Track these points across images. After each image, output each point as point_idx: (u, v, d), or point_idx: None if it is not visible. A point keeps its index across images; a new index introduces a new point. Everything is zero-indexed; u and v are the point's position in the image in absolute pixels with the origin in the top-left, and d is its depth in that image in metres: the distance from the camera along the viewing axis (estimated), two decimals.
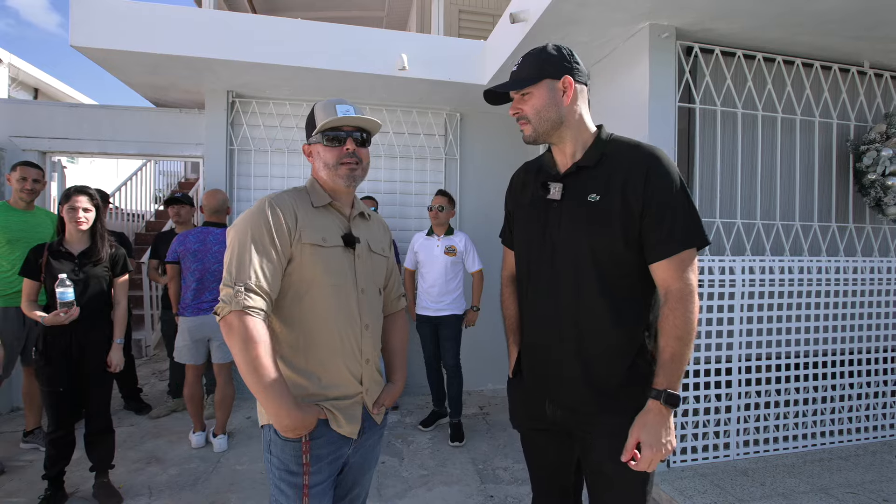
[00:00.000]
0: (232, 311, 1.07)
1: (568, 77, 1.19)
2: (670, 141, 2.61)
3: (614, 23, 2.59)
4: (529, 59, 1.23)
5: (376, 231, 1.41)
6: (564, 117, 1.21)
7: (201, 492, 2.50)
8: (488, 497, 2.51)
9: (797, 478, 2.58)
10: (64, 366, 2.24)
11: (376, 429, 1.33)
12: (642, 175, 1.13)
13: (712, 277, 2.71)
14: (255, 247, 1.11)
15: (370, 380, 1.29)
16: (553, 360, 1.24)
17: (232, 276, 1.10)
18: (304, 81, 3.62)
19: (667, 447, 1.10)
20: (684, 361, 1.11)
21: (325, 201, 1.27)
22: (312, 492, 1.17)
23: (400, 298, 1.51)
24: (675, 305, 1.10)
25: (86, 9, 3.00)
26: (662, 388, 1.10)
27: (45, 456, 2.30)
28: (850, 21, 2.50)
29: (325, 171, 1.26)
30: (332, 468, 1.22)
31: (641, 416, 1.12)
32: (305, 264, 1.17)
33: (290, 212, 1.18)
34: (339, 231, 1.26)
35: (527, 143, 1.27)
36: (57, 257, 2.26)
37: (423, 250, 3.32)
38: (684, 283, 1.10)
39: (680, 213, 1.12)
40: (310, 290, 1.18)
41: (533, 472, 1.41)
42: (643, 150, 1.18)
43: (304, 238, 1.17)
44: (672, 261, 1.11)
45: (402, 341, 1.47)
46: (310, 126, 1.29)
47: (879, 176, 2.87)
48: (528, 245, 1.30)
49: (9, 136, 3.65)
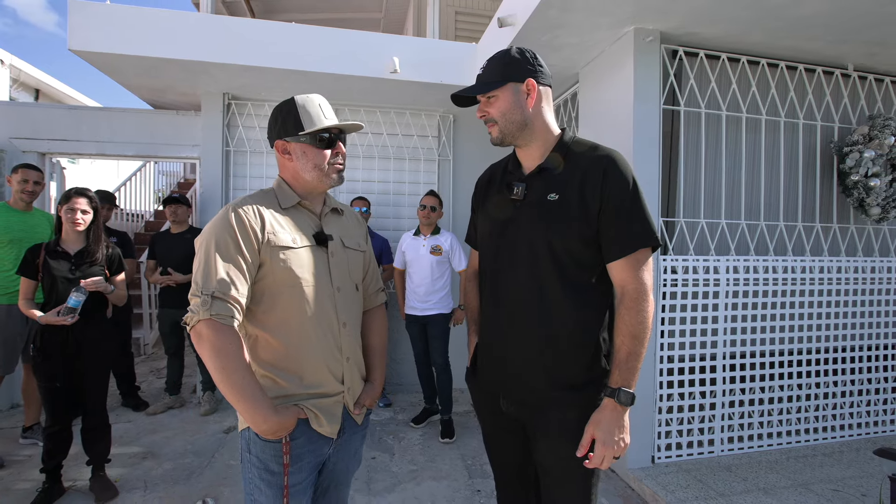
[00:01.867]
0: (201, 321, 1.05)
1: (531, 80, 1.22)
2: (655, 142, 2.66)
3: (599, 27, 2.64)
4: (494, 62, 1.25)
5: (350, 226, 1.39)
6: (529, 119, 1.24)
7: (195, 486, 2.56)
8: (475, 491, 2.57)
9: (779, 473, 2.63)
10: (60, 362, 2.30)
11: (357, 429, 1.33)
12: (599, 175, 1.16)
13: (696, 277, 2.76)
14: (221, 255, 1.09)
15: (352, 378, 1.28)
16: (508, 357, 1.27)
17: (199, 286, 1.07)
18: (298, 84, 3.67)
19: (619, 445, 1.12)
20: (639, 360, 1.14)
21: (293, 202, 1.25)
22: (293, 491, 1.17)
23: (379, 293, 1.48)
24: (630, 305, 1.14)
25: (83, 13, 3.07)
26: (617, 386, 1.13)
27: (43, 450, 2.36)
28: (832, 25, 2.55)
29: (313, 172, 1.23)
30: (311, 468, 1.22)
31: (596, 414, 1.15)
32: (277, 267, 1.15)
33: (256, 216, 1.15)
34: (310, 230, 1.24)
35: (494, 145, 1.31)
36: (54, 257, 2.32)
37: (410, 250, 3.39)
38: (639, 283, 1.14)
39: (634, 213, 1.15)
40: (284, 292, 1.17)
41: (494, 464, 1.45)
42: (601, 151, 1.21)
43: (272, 241, 1.15)
44: (628, 260, 1.15)
45: (382, 339, 1.46)
46: (287, 122, 1.21)
47: (862, 177, 2.92)
48: (490, 244, 1.34)
49: (9, 138, 3.72)
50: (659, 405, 2.71)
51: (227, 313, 1.06)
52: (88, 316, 2.33)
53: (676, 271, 2.72)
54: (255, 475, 1.18)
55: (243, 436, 1.21)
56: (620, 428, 1.13)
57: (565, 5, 2.42)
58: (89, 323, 2.35)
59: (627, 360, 1.13)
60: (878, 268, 3.11)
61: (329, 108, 1.26)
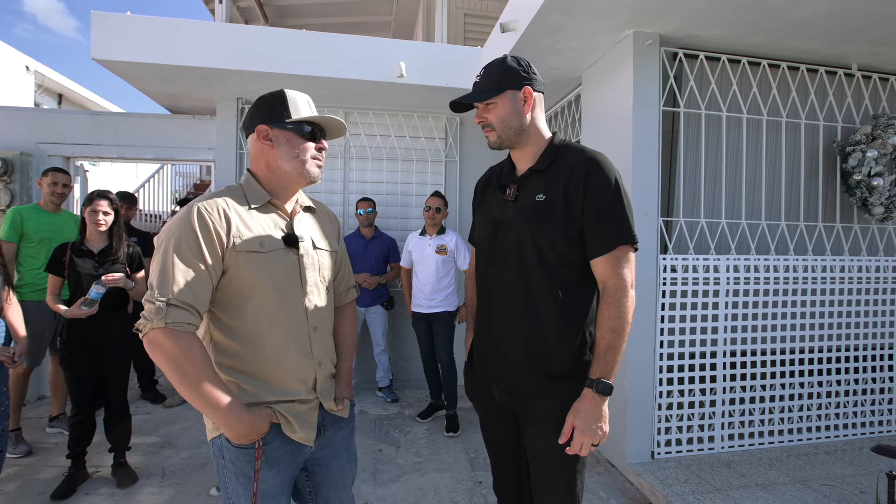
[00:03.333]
0: (154, 328, 0.99)
1: (528, 87, 1.29)
2: (654, 144, 2.71)
3: (599, 31, 2.70)
4: (490, 70, 1.32)
5: (324, 224, 1.34)
6: (525, 124, 1.31)
7: (209, 474, 2.69)
8: (477, 483, 2.65)
9: (778, 470, 2.66)
10: (85, 354, 2.44)
11: (343, 423, 1.31)
12: (583, 176, 1.23)
13: (696, 276, 2.80)
14: (180, 258, 1.02)
15: (324, 383, 1.24)
16: (501, 348, 1.35)
17: (154, 291, 1.00)
18: (308, 88, 3.79)
19: (597, 433, 1.19)
20: (619, 352, 1.20)
21: (262, 200, 1.19)
22: (262, 497, 1.14)
23: (349, 291, 1.44)
24: (610, 300, 1.20)
25: (106, 25, 3.23)
26: (596, 377, 1.19)
27: (69, 437, 2.50)
28: (832, 26, 2.57)
29: (294, 162, 1.18)
30: (289, 471, 1.18)
31: (577, 403, 1.22)
32: (243, 273, 1.10)
33: (222, 218, 1.08)
34: (279, 231, 1.19)
35: (491, 149, 1.39)
36: (79, 255, 2.46)
37: (416, 249, 3.49)
38: (619, 279, 1.20)
39: (616, 213, 1.22)
40: (251, 297, 1.12)
41: (490, 451, 1.53)
42: (585, 154, 1.28)
43: (238, 246, 1.09)
44: (608, 257, 1.21)
45: (352, 330, 1.42)
46: (275, 109, 1.18)
47: (865, 176, 2.93)
48: (485, 242, 1.42)
49: (36, 143, 3.91)
50: (659, 401, 2.76)
51: (183, 320, 1.00)
52: (111, 311, 2.48)
53: (676, 270, 2.77)
54: (231, 480, 1.14)
55: (214, 444, 1.16)
56: (599, 417, 1.19)
57: (565, 10, 2.49)
58: (112, 318, 2.49)
59: (606, 352, 1.19)
60: (882, 267, 3.10)
61: (314, 108, 1.26)
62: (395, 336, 4.32)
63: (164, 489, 2.52)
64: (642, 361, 2.72)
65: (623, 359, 2.67)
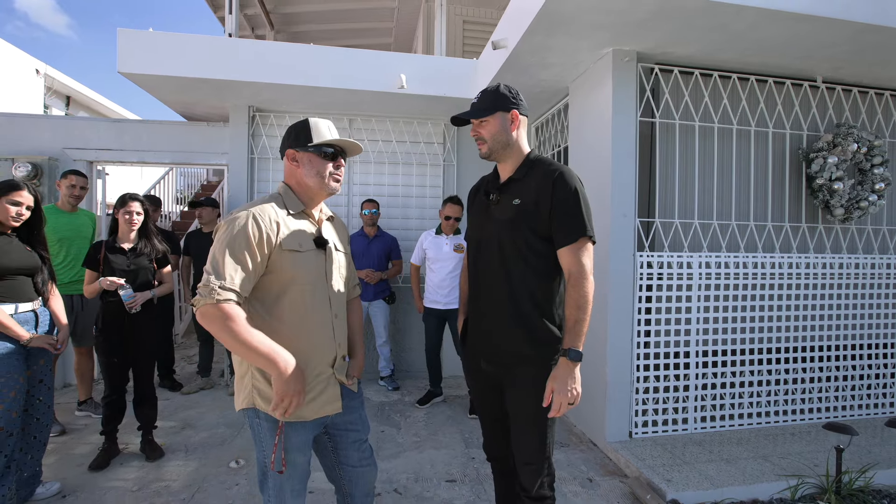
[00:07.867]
0: (206, 303, 1.23)
1: (515, 111, 1.60)
2: (631, 151, 2.98)
3: (581, 49, 2.97)
4: (487, 94, 1.62)
5: (339, 231, 1.64)
6: (512, 141, 1.61)
7: (227, 450, 2.97)
8: (470, 458, 2.92)
9: (743, 447, 2.93)
10: (119, 341, 2.72)
11: (354, 396, 1.59)
12: (550, 186, 1.52)
13: (671, 271, 3.07)
14: (234, 255, 1.27)
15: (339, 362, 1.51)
16: (484, 327, 1.64)
17: (209, 274, 1.26)
18: (315, 98, 4.08)
19: (571, 393, 1.45)
20: (584, 325, 1.46)
21: (299, 209, 1.46)
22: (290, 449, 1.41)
23: (355, 287, 1.74)
24: (573, 283, 1.48)
25: (130, 41, 3.51)
26: (568, 347, 1.46)
27: (102, 416, 2.78)
28: (794, 45, 2.82)
29: (316, 178, 1.44)
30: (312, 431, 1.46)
31: (554, 371, 1.48)
32: (285, 267, 1.36)
33: (273, 223, 1.35)
34: (311, 235, 1.46)
35: (482, 159, 1.68)
36: (113, 252, 2.74)
37: (433, 248, 3.75)
38: (580, 266, 1.48)
39: (576, 213, 1.49)
40: (290, 287, 1.39)
41: (480, 415, 1.83)
42: (553, 167, 1.56)
43: (284, 245, 1.36)
44: (571, 248, 1.49)
45: (359, 321, 1.74)
46: (300, 136, 1.44)
47: (826, 181, 3.19)
48: (474, 239, 1.72)
49: (62, 148, 4.19)
50: (636, 386, 3.03)
51: (231, 298, 1.24)
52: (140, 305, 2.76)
53: (652, 266, 3.03)
54: (266, 434, 1.40)
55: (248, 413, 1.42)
56: (572, 379, 1.45)
57: (550, 31, 2.76)
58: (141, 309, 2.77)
59: (574, 326, 1.46)
60: (845, 264, 3.37)
61: (335, 131, 1.50)
62: (396, 329, 4.60)
63: (188, 462, 2.80)
64: (621, 349, 3.00)
65: (603, 346, 2.98)
